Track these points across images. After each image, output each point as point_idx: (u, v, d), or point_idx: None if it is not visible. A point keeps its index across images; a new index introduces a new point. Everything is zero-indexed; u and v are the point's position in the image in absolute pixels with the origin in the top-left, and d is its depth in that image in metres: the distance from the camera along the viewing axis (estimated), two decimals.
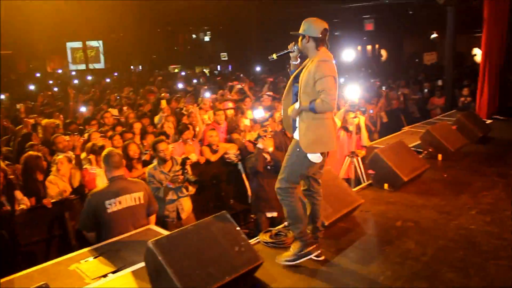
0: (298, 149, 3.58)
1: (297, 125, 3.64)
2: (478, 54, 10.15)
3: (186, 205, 5.41)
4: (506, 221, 4.47)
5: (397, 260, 3.77)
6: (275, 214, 5.71)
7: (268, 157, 5.70)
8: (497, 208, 4.83)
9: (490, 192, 5.33)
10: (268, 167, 5.70)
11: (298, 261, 3.67)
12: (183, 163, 5.31)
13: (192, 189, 5.44)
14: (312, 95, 3.47)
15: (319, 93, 3.40)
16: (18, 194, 5.38)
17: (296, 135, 3.66)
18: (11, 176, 5.53)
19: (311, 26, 3.62)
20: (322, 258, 3.73)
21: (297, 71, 3.68)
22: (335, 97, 3.44)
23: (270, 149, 5.67)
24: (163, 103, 9.43)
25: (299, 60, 3.78)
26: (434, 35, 20.29)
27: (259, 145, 5.66)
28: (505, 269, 3.56)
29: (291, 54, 3.77)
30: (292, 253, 3.70)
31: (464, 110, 9.24)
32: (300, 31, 3.65)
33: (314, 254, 3.71)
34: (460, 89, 11.01)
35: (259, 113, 6.23)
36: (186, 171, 5.25)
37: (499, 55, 9.92)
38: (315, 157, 3.57)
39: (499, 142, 7.87)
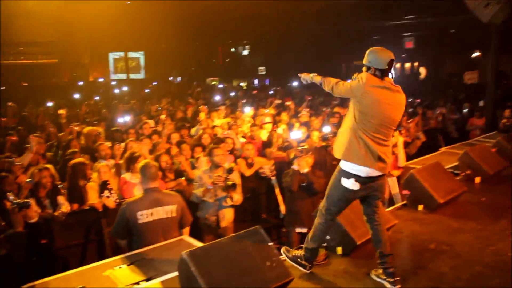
0: (337, 172, 3.62)
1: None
2: None
3: (227, 215, 5.52)
4: None
5: (430, 284, 3.72)
6: (304, 230, 5.74)
7: (303, 177, 5.75)
8: None
9: None
10: (302, 185, 5.76)
11: (291, 262, 3.86)
12: (229, 171, 5.43)
13: (237, 199, 5.53)
14: (349, 112, 3.55)
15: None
16: (61, 199, 5.57)
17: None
18: (58, 182, 5.74)
19: (377, 57, 3.51)
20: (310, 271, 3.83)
21: None
22: (338, 92, 3.56)
23: (305, 169, 5.74)
24: (202, 115, 9.59)
25: None
26: (476, 54, 19.90)
27: (294, 166, 5.72)
28: None
29: None
30: (295, 253, 3.89)
31: (506, 132, 9.00)
32: (365, 62, 3.55)
33: (305, 270, 3.81)
34: (502, 110, 10.73)
35: (296, 134, 6.25)
36: (229, 179, 5.35)
37: None
38: (348, 183, 3.53)
39: None
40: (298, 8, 17.85)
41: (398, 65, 23.49)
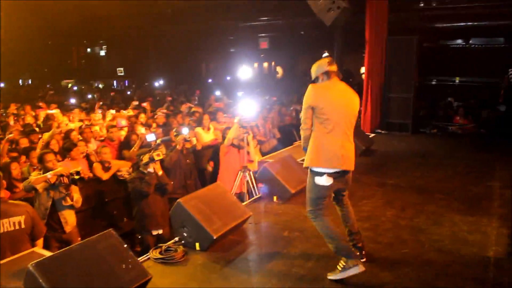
0: (309, 175, 3.85)
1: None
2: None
3: (70, 219, 5.18)
4: (381, 227, 4.92)
5: (283, 268, 3.98)
6: (160, 231, 5.73)
7: (156, 179, 5.74)
8: (374, 215, 5.29)
9: (369, 200, 5.80)
10: (156, 186, 5.75)
11: (340, 277, 3.69)
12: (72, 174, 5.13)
13: (77, 199, 5.20)
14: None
15: None
16: None
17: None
18: None
19: (318, 66, 3.99)
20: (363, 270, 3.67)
21: None
22: (305, 126, 3.85)
23: (160, 172, 5.76)
24: (59, 118, 9.07)
25: None
26: (325, 54, 21.44)
27: (150, 169, 5.66)
28: (378, 270, 3.91)
29: None
30: (338, 269, 3.71)
31: None
32: (313, 78, 4.02)
33: (359, 270, 3.64)
34: None
35: (150, 137, 6.18)
36: (73, 174, 5.09)
37: (380, 74, 10.84)
38: (321, 180, 3.76)
39: (379, 154, 8.58)
40: (153, 9, 17.62)
41: (256, 65, 24.44)
